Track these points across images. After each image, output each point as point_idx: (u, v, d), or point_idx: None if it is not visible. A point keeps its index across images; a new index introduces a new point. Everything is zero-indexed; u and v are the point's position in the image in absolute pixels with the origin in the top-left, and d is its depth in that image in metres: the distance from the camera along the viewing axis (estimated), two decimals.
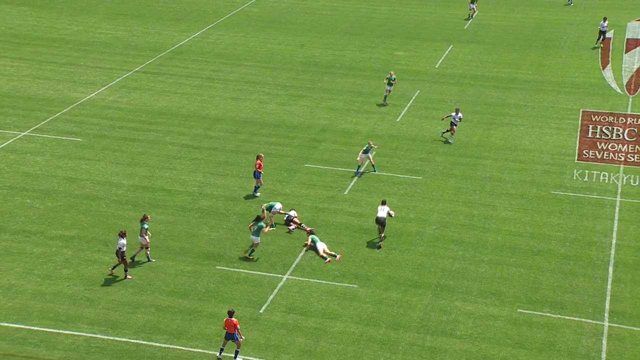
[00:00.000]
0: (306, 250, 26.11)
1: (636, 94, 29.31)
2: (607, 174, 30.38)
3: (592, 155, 27.46)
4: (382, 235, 26.17)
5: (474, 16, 48.74)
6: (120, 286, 24.11)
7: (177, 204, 29.08)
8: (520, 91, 39.44)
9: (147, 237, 24.92)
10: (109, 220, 27.83)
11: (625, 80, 29.02)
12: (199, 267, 25.21)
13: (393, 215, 26.45)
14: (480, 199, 29.29)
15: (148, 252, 25.32)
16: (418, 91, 39.64)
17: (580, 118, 27.19)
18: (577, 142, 27.15)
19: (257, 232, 25.09)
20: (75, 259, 25.45)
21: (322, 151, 33.21)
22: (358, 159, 30.85)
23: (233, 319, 20.83)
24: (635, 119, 26.81)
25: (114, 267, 24.54)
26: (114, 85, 40.77)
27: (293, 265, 25.32)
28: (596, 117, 27.10)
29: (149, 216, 25.22)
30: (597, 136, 27.47)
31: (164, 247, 26.15)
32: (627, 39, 30.01)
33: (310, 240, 26.23)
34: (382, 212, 26.04)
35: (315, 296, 23.77)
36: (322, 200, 29.19)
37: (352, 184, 30.47)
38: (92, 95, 39.31)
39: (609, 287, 24.09)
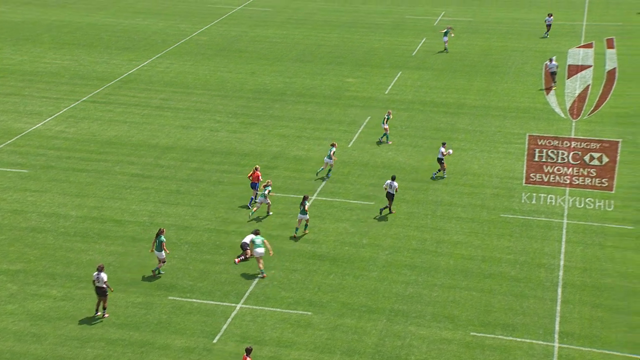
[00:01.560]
0: (244, 259, 26.28)
1: (579, 118, 30.31)
2: (553, 196, 31.16)
3: (539, 179, 28.18)
4: (388, 207, 29.56)
5: (447, 49, 49.96)
6: (68, 320, 23.59)
7: (127, 235, 28.70)
8: (468, 116, 40.28)
9: (164, 253, 25.38)
10: (57, 253, 27.29)
11: (568, 105, 29.96)
12: (150, 298, 24.86)
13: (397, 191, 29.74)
14: (432, 223, 29.68)
15: (160, 266, 25.85)
16: (369, 117, 40.13)
17: (526, 142, 27.92)
18: (525, 166, 27.85)
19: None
20: (20, 293, 24.84)
21: (274, 178, 33.25)
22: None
23: (249, 358, 20.46)
24: (578, 143, 27.65)
25: (98, 307, 23.66)
26: (60, 115, 40.22)
27: (247, 294, 25.18)
28: (542, 141, 27.87)
29: (164, 230, 25.74)
30: (544, 160, 28.23)
31: (115, 278, 25.73)
32: (569, 65, 31.10)
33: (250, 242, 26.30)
34: (391, 188, 29.25)
35: (270, 324, 23.66)
36: (275, 228, 29.17)
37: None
38: (37, 125, 38.69)
39: (558, 308, 24.59)
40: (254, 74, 47.30)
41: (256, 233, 26.39)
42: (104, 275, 23.30)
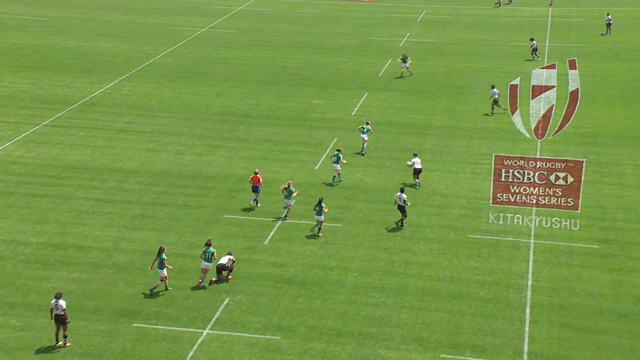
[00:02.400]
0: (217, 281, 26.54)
1: (544, 138, 30.81)
2: (520, 216, 31.58)
3: (505, 199, 28.49)
4: (401, 220, 30.51)
5: (404, 74, 50.38)
6: (27, 350, 23.12)
7: (90, 261, 28.31)
8: (434, 137, 40.72)
9: (165, 270, 25.82)
10: (16, 281, 26.79)
11: (533, 126, 30.42)
12: (114, 325, 24.50)
13: (409, 205, 30.88)
14: (400, 245, 29.83)
15: (163, 283, 26.20)
16: (336, 139, 40.33)
17: (493, 162, 28.27)
18: (491, 186, 28.15)
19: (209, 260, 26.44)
20: None
21: (241, 201, 33.17)
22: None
23: None
24: (544, 163, 28.08)
25: (58, 336, 23.11)
26: (20, 140, 39.68)
27: (213, 319, 24.97)
28: (508, 161, 28.24)
29: (164, 247, 26.13)
30: (510, 180, 28.56)
31: (77, 306, 25.32)
32: (533, 86, 31.57)
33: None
34: (400, 200, 30.15)
35: (237, 350, 23.46)
36: (242, 251, 29.06)
37: (272, 233, 30.50)
38: None
39: (526, 328, 24.83)
40: (219, 96, 47.29)
41: (229, 253, 27.04)
42: (62, 303, 22.91)
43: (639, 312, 25.67)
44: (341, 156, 34.72)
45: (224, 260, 26.93)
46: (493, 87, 44.15)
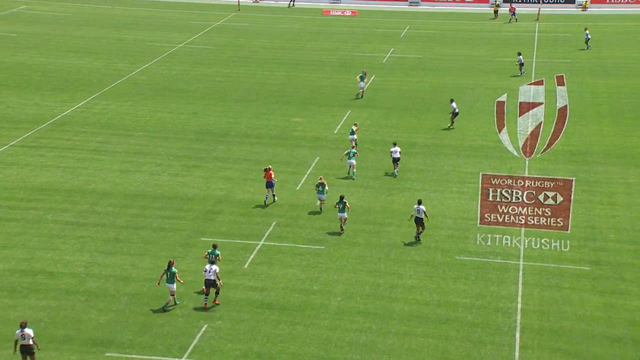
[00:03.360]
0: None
1: (532, 156, 31.07)
2: (509, 237, 31.72)
3: (493, 219, 28.60)
4: (420, 231, 31.06)
5: (363, 95, 50.47)
6: None
7: (60, 287, 28.01)
8: (420, 155, 40.90)
9: (175, 285, 26.31)
10: None
11: (521, 143, 30.71)
12: (85, 355, 24.20)
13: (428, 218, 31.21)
14: (385, 268, 29.82)
15: (174, 298, 26.59)
16: (317, 158, 40.38)
17: (480, 181, 28.44)
18: (479, 206, 28.26)
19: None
20: None
21: (220, 223, 33.05)
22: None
23: None
24: (532, 182, 28.28)
25: None
26: None
27: (191, 347, 24.75)
28: (495, 180, 28.42)
29: (174, 261, 26.63)
30: (498, 199, 28.70)
31: (46, 335, 25.00)
32: (520, 102, 31.93)
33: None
34: (419, 212, 30.78)
35: None
36: (221, 275, 28.89)
37: (252, 256, 30.39)
38: None
39: (516, 354, 24.84)
40: (197, 114, 47.25)
41: (212, 262, 27.25)
42: (29, 331, 22.60)
43: (632, 336, 25.79)
44: (355, 151, 37.81)
45: (210, 274, 26.68)
46: (452, 100, 44.64)
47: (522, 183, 28.08)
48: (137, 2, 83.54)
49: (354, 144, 39.57)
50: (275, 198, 35.01)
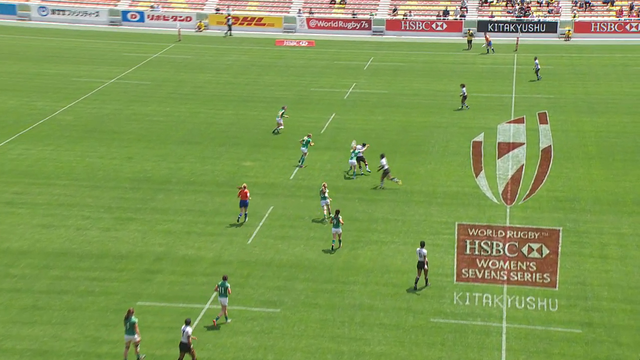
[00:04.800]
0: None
1: (513, 203, 31.46)
2: (490, 295, 31.95)
3: (472, 275, 28.77)
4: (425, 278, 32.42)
5: (279, 130, 51.44)
6: None
7: None
8: (387, 203, 41.19)
9: (137, 336, 27.16)
10: None
11: (500, 189, 31.09)
12: None
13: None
14: (349, 333, 29.73)
15: (138, 349, 27.27)
16: (271, 207, 40.41)
17: (456, 232, 28.67)
18: (455, 260, 28.45)
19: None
20: None
21: (159, 285, 32.69)
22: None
23: None
24: (515, 232, 28.58)
25: None
26: None
27: None
28: (473, 230, 28.68)
29: (133, 310, 27.44)
30: (476, 252, 28.89)
31: None
32: (499, 143, 32.31)
33: None
34: (420, 256, 32.11)
35: None
36: (160, 345, 28.47)
37: (196, 321, 30.05)
38: None
39: None
40: (132, 159, 47.02)
41: (187, 322, 27.59)
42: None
43: None
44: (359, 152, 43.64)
45: (184, 336, 27.03)
46: (362, 143, 46.06)
47: (503, 234, 28.41)
48: (60, 31, 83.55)
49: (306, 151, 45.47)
50: (247, 219, 38.39)
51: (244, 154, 48.32)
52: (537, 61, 65.68)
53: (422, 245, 32.63)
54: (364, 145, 45.34)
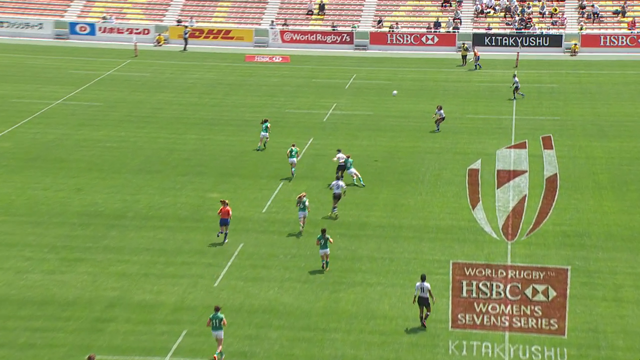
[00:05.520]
0: None
1: (515, 239, 31.52)
2: (489, 344, 31.90)
3: (469, 321, 28.70)
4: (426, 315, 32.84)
5: (265, 145, 53.25)
6: None
7: None
8: (373, 239, 41.17)
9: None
10: None
11: (501, 223, 31.18)
12: None
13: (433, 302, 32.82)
14: None
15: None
16: (241, 244, 40.29)
17: (451, 272, 28.65)
18: (450, 304, 28.39)
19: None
20: None
21: (112, 335, 32.41)
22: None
23: None
24: (517, 272, 28.58)
25: None
26: None
27: None
28: (470, 270, 28.67)
29: (94, 355, 27.92)
30: (474, 295, 28.85)
31: None
32: (498, 170, 32.42)
33: None
34: (424, 291, 32.61)
35: None
36: None
37: None
38: None
39: None
40: (81, 191, 46.83)
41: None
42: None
43: None
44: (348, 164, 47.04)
45: None
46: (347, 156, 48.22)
47: (504, 274, 28.44)
48: None
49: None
50: (226, 240, 40.22)
51: (210, 184, 48.22)
52: (516, 78, 66.03)
53: (423, 279, 32.80)
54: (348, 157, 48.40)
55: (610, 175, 50.11)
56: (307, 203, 41.18)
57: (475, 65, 75.89)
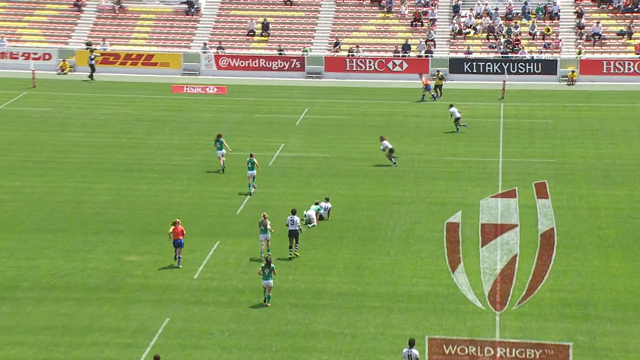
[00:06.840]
0: None
1: (505, 309, 31.63)
2: None
3: None
4: None
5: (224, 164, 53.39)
6: None
7: None
8: (330, 310, 41.04)
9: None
10: None
11: (487, 289, 31.33)
12: None
13: None
14: None
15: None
16: (167, 319, 39.94)
17: (426, 350, 28.66)
18: None
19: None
20: None
21: None
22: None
23: None
24: (507, 349, 28.66)
25: None
26: None
27: None
28: (451, 347, 28.72)
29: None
30: None
31: None
32: (482, 224, 32.66)
33: None
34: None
35: None
36: None
37: None
38: None
39: None
40: None
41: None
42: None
43: None
44: None
45: None
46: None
47: (492, 352, 28.56)
48: None
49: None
50: (180, 266, 43.98)
51: (128, 244, 47.88)
52: (453, 109, 66.86)
53: (412, 344, 32.64)
54: (327, 199, 51.54)
55: (618, 230, 50.42)
56: (269, 226, 44.87)
57: (423, 96, 76.44)
